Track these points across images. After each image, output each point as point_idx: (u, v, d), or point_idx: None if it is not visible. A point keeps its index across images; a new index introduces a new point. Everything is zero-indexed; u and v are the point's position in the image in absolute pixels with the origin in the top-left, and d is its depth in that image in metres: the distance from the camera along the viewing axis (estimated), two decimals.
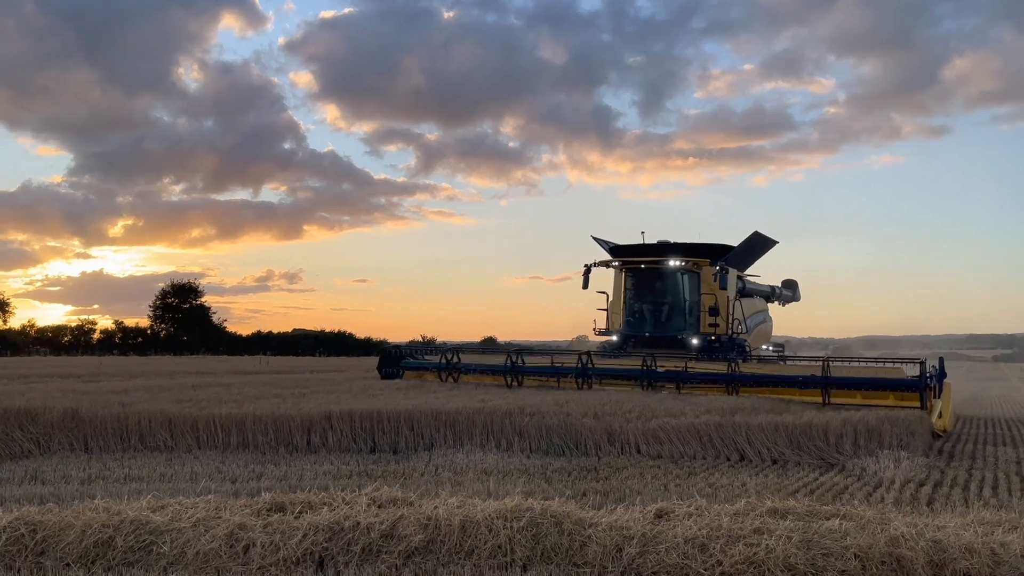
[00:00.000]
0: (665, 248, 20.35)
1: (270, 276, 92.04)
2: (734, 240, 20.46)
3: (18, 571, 4.73)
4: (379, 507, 5.51)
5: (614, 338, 20.41)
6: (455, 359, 18.52)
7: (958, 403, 20.35)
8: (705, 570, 4.75)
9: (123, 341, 64.72)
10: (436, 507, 5.44)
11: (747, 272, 22.20)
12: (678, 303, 19.72)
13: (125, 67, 77.90)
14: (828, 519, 5.35)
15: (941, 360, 14.82)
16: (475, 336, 65.65)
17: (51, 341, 63.66)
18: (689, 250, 20.14)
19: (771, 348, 24.16)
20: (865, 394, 13.74)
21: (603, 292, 20.54)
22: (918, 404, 12.84)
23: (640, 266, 20.11)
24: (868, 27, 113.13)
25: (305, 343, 64.48)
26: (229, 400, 12.92)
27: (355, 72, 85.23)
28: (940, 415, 13.67)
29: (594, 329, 20.33)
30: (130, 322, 66.84)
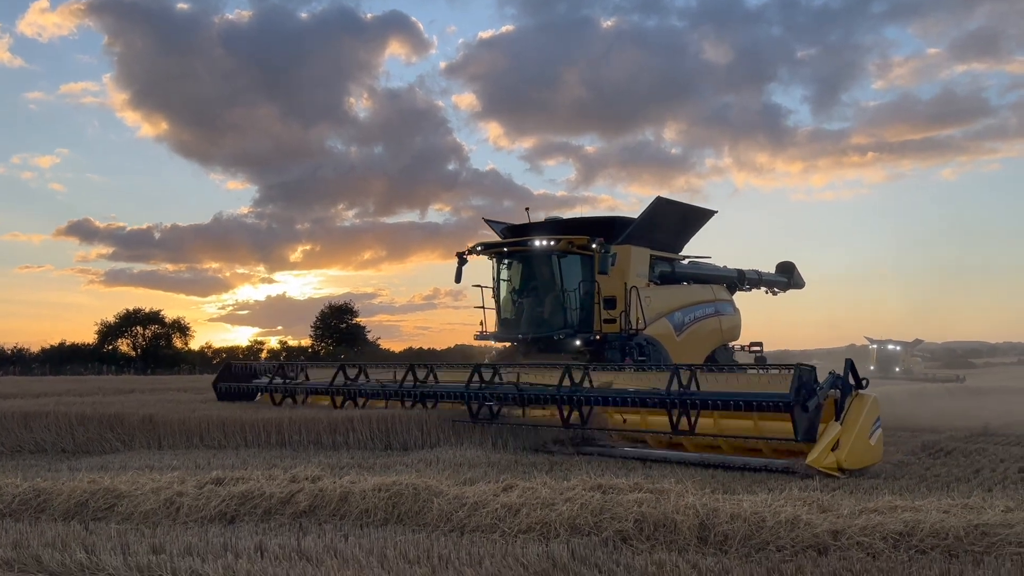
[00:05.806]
0: (543, 227, 16.82)
1: (436, 294, 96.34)
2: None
3: (23, 522, 6.58)
4: (293, 482, 7.06)
5: (492, 343, 17.16)
6: (304, 377, 15.86)
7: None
8: (508, 528, 5.98)
9: (287, 359, 70.88)
10: (334, 482, 6.94)
11: (683, 253, 18.68)
12: (555, 295, 15.96)
13: (302, 100, 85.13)
14: (636, 493, 6.44)
15: (849, 363, 9.80)
16: None
17: (225, 361, 70.74)
18: (568, 227, 16.55)
19: (744, 349, 19.35)
20: (722, 414, 10.40)
21: (478, 286, 16.92)
22: (789, 427, 9.27)
23: (504, 250, 16.50)
24: None
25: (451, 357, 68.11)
26: (283, 406, 14.88)
27: (516, 89, 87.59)
28: (836, 446, 9.29)
29: (476, 333, 16.88)
30: (294, 342, 72.99)
